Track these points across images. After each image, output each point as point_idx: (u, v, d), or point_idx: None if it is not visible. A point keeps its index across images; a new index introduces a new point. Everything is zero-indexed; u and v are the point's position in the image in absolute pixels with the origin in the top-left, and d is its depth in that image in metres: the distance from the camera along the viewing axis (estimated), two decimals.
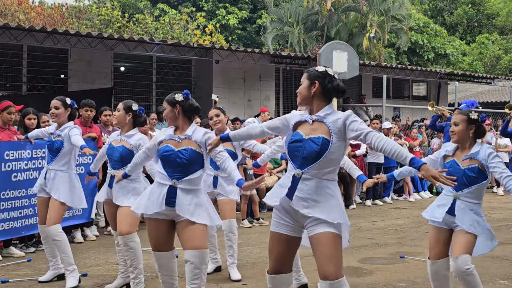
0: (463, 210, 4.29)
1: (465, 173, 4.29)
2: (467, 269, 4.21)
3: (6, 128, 6.88)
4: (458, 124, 4.37)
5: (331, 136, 3.44)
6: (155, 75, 14.74)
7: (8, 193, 6.63)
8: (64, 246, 5.37)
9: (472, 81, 21.08)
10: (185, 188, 4.16)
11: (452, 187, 4.32)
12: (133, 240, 5.00)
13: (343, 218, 3.45)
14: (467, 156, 4.33)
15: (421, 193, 12.92)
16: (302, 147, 3.47)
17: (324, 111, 3.53)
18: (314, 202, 3.44)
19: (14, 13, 19.68)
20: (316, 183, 3.45)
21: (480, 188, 4.32)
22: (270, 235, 3.66)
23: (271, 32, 23.33)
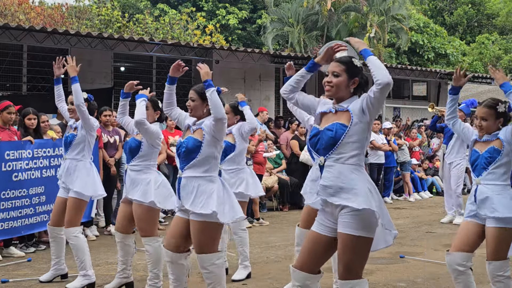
0: (483, 194, 4.16)
1: (482, 157, 4.23)
2: (498, 275, 4.12)
3: (6, 128, 6.88)
4: (487, 119, 4.27)
5: (352, 119, 3.36)
6: (155, 75, 14.74)
7: (8, 193, 6.63)
8: (78, 250, 5.30)
9: (472, 81, 21.07)
10: (188, 176, 4.10)
11: (475, 175, 4.29)
12: (149, 244, 4.94)
13: (368, 204, 3.29)
14: (489, 137, 4.27)
15: (421, 193, 12.93)
16: (320, 138, 3.42)
17: (348, 102, 3.46)
18: (339, 189, 3.33)
19: (14, 13, 19.69)
20: (339, 169, 3.35)
21: (500, 166, 4.17)
22: (308, 234, 3.54)
23: (271, 32, 23.35)
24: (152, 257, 4.95)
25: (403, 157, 12.38)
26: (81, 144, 5.46)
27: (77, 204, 5.39)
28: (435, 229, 8.87)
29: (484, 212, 4.16)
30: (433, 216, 10.19)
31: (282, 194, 10.89)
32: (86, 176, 5.43)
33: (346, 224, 3.30)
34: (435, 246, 7.44)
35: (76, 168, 5.42)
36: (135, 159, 5.06)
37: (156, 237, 5.01)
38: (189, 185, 4.09)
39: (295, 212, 10.29)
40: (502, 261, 4.12)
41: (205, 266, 4.05)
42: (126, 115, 5.27)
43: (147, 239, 4.96)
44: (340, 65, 3.48)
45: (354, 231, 3.29)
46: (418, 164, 13.32)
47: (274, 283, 5.61)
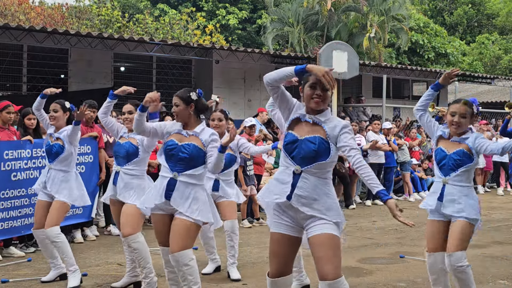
0: (451, 194, 4.31)
1: (451, 158, 4.32)
2: (459, 266, 4.23)
3: (5, 128, 6.88)
4: (466, 117, 4.35)
5: (328, 140, 3.47)
6: (155, 75, 14.74)
7: (7, 193, 6.64)
8: (64, 247, 5.36)
9: (472, 81, 21.07)
10: (185, 181, 4.21)
11: (441, 173, 4.39)
12: (136, 241, 5.01)
13: (340, 217, 3.49)
14: (457, 139, 4.36)
15: (421, 193, 12.92)
16: (298, 147, 3.48)
17: (325, 115, 3.54)
18: (313, 200, 3.45)
19: (14, 13, 19.68)
20: (315, 181, 3.46)
21: (467, 171, 4.33)
22: (270, 237, 3.63)
23: (271, 32, 23.33)
24: (142, 253, 5.03)
25: (403, 157, 12.38)
26: (68, 158, 5.53)
27: (63, 207, 5.46)
28: None
29: (449, 211, 4.32)
30: None
31: None
32: (74, 187, 5.52)
33: (325, 227, 3.43)
34: None
35: (63, 179, 5.49)
36: (131, 163, 5.13)
37: (139, 233, 5.09)
38: (185, 190, 4.22)
39: None
40: (463, 252, 4.25)
41: (186, 262, 4.17)
42: (108, 115, 5.30)
43: (132, 237, 5.02)
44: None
45: (333, 231, 3.44)
46: (418, 164, 13.32)
47: None
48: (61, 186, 5.45)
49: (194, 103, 4.31)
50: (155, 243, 7.38)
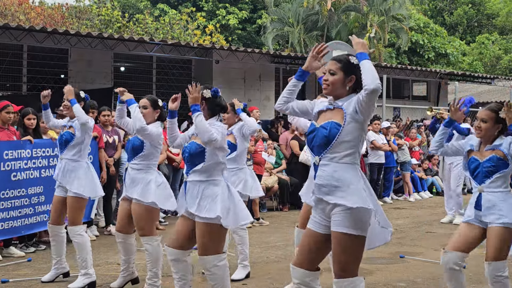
0: (488, 202, 4.20)
1: (484, 166, 4.26)
2: (497, 276, 4.13)
3: (5, 128, 6.88)
4: (486, 121, 4.30)
5: (345, 118, 3.39)
6: (155, 75, 14.74)
7: (7, 193, 6.63)
8: (81, 248, 5.32)
9: (472, 81, 21.09)
10: (193, 180, 4.18)
11: (476, 182, 4.32)
12: (149, 243, 4.96)
13: (363, 202, 3.30)
14: (490, 147, 4.30)
15: (421, 193, 12.92)
16: (315, 136, 3.45)
17: (345, 99, 3.47)
18: (334, 187, 3.35)
19: (14, 13, 19.68)
20: (333, 168, 3.37)
21: (503, 176, 4.23)
22: (305, 231, 3.60)
23: (271, 32, 23.33)
24: (152, 256, 4.97)
25: (403, 157, 12.38)
26: (78, 145, 5.47)
27: (77, 202, 5.40)
28: (435, 229, 8.87)
29: (490, 219, 4.19)
30: (433, 216, 10.19)
31: (282, 194, 10.89)
32: (84, 177, 5.44)
33: (339, 223, 3.33)
34: (435, 246, 7.43)
35: (73, 169, 5.43)
36: (137, 158, 5.07)
37: (155, 236, 5.02)
38: (194, 189, 4.16)
39: (295, 212, 10.28)
40: (502, 262, 4.14)
41: (208, 268, 4.09)
42: (124, 117, 5.29)
43: (146, 238, 4.97)
44: (336, 63, 3.53)
45: (346, 229, 3.31)
46: (418, 164, 13.32)
47: (274, 283, 5.61)
48: (71, 176, 5.39)
49: (205, 101, 4.24)
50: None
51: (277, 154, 11.16)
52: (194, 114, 4.10)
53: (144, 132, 4.90)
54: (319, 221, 3.48)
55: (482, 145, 4.37)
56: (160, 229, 8.39)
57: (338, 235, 3.33)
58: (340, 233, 3.32)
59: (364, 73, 3.34)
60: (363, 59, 3.39)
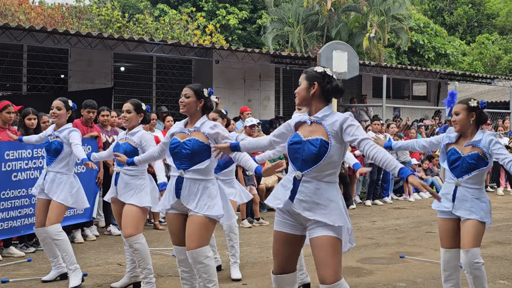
0: (463, 196, 4.33)
1: (465, 160, 4.34)
2: (476, 262, 4.24)
3: (6, 128, 6.88)
4: (459, 113, 4.40)
5: (329, 138, 3.43)
6: (155, 75, 14.74)
7: (8, 193, 6.63)
8: (65, 245, 5.37)
9: (472, 81, 21.07)
10: (192, 178, 4.19)
11: (453, 174, 4.40)
12: (138, 242, 5.01)
13: (343, 221, 3.42)
14: (469, 143, 4.37)
15: (421, 193, 12.92)
16: (301, 149, 3.47)
17: (323, 112, 3.51)
18: (315, 204, 3.42)
19: (14, 13, 19.67)
20: (316, 185, 3.43)
21: (480, 174, 4.35)
22: (274, 235, 3.64)
23: (271, 32, 23.30)
24: (142, 253, 5.02)
25: (403, 157, 12.37)
26: (66, 158, 5.53)
27: (60, 208, 5.46)
28: (435, 229, 8.86)
29: (460, 213, 4.35)
30: (433, 216, 10.17)
31: None
32: (71, 190, 5.51)
33: (323, 229, 3.40)
34: (435, 246, 7.43)
35: (60, 181, 5.48)
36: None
37: (141, 234, 5.08)
38: (193, 186, 4.18)
39: None
40: (477, 248, 4.27)
41: (201, 260, 4.14)
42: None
43: (134, 238, 5.02)
44: (302, 74, 3.60)
45: (334, 233, 3.41)
46: (418, 164, 13.32)
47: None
48: (58, 188, 5.45)
49: (204, 100, 4.31)
50: (155, 243, 7.40)
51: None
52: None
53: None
54: (290, 222, 3.55)
55: (462, 138, 4.44)
56: (160, 229, 8.39)
57: (328, 239, 3.39)
58: (330, 236, 3.39)
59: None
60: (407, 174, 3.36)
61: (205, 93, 4.32)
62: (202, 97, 4.30)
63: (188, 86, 4.33)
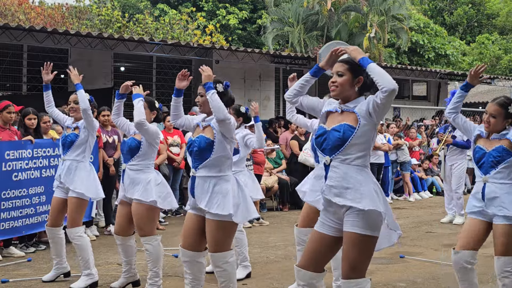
0: (492, 193, 4.20)
1: (490, 155, 4.24)
2: (506, 271, 4.13)
3: (6, 128, 6.89)
4: (496, 116, 4.27)
5: (359, 120, 3.37)
6: (155, 75, 14.75)
7: (9, 193, 6.63)
8: (82, 250, 5.33)
9: None
10: (203, 175, 4.13)
11: (480, 172, 4.30)
12: (149, 243, 4.97)
13: (375, 205, 3.31)
14: (497, 136, 4.28)
15: (421, 193, 12.93)
16: (327, 138, 3.43)
17: (355, 102, 3.46)
18: (344, 189, 3.35)
19: (14, 13, 19.68)
20: (345, 169, 3.36)
21: (508, 167, 4.21)
22: (311, 233, 3.56)
23: (271, 32, 23.31)
24: (152, 256, 4.97)
25: (403, 157, 12.38)
26: (82, 145, 5.48)
27: (79, 203, 5.39)
28: (435, 229, 8.87)
29: (492, 210, 4.20)
30: (433, 216, 10.19)
31: (282, 194, 10.90)
32: (87, 178, 5.43)
33: (353, 223, 3.33)
34: (435, 246, 7.44)
35: (76, 169, 5.42)
36: (135, 158, 5.07)
37: (155, 236, 5.03)
38: (204, 184, 4.12)
39: (295, 212, 10.29)
40: (510, 257, 4.14)
41: (219, 265, 4.10)
42: (121, 116, 5.28)
43: (146, 238, 4.98)
44: (343, 64, 3.49)
45: (360, 230, 3.32)
46: (418, 164, 13.32)
47: (274, 283, 5.61)
48: (74, 176, 5.38)
49: (220, 95, 4.19)
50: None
51: (277, 154, 11.17)
52: (208, 91, 4.08)
53: (143, 127, 4.90)
54: (330, 223, 3.46)
55: (490, 135, 4.35)
56: (160, 229, 8.39)
57: (351, 235, 3.32)
58: (354, 233, 3.32)
59: (377, 75, 3.30)
60: (368, 63, 3.34)
61: (219, 88, 4.22)
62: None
63: (201, 84, 4.23)
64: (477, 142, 4.39)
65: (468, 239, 4.29)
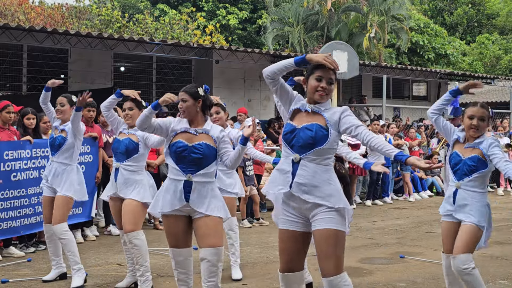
0: (463, 199, 4.28)
1: (465, 163, 4.29)
2: (464, 269, 4.19)
3: (6, 128, 6.89)
4: (485, 119, 4.32)
5: (329, 127, 3.51)
6: (155, 75, 14.75)
7: (7, 193, 6.63)
8: (70, 244, 5.39)
9: None
10: (201, 181, 4.17)
11: (454, 177, 4.36)
12: (138, 238, 5.03)
13: (343, 202, 3.47)
14: (471, 145, 4.33)
15: (421, 193, 12.92)
16: (297, 136, 3.52)
17: (325, 105, 3.59)
18: (313, 187, 3.46)
19: (14, 13, 19.68)
20: (314, 168, 3.48)
21: (481, 177, 4.28)
22: (279, 234, 3.63)
23: (271, 32, 23.31)
24: (141, 250, 5.03)
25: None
26: (70, 149, 5.56)
27: (66, 201, 5.48)
28: (435, 229, 8.86)
29: (460, 216, 4.31)
30: (433, 216, 10.18)
31: None
32: (74, 180, 5.53)
33: (328, 220, 3.43)
34: (435, 246, 7.44)
35: (64, 172, 5.51)
36: (131, 159, 5.15)
37: (141, 231, 5.11)
38: (203, 190, 4.17)
39: None
40: (467, 254, 4.21)
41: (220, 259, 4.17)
42: (111, 110, 5.31)
43: (134, 233, 5.03)
44: (334, 74, 3.60)
45: (337, 226, 3.44)
46: None
47: (274, 283, 5.60)
48: (62, 178, 5.48)
49: (201, 99, 4.26)
50: (155, 243, 7.39)
51: (277, 154, 11.15)
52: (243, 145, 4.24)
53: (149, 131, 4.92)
54: (294, 219, 3.57)
55: (468, 140, 4.38)
56: (160, 229, 8.38)
57: (330, 232, 3.42)
58: (332, 229, 3.42)
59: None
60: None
61: (201, 92, 4.27)
62: (199, 97, 4.25)
63: (182, 90, 4.29)
64: (454, 147, 4.45)
65: (451, 243, 4.36)
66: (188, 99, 4.23)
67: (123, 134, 5.25)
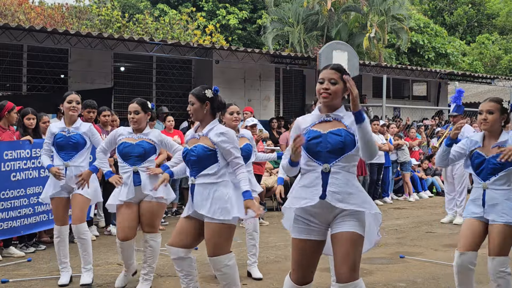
0: (493, 199, 4.21)
1: (489, 162, 4.23)
2: (501, 271, 4.13)
3: (7, 129, 6.90)
4: (493, 112, 4.28)
5: (354, 136, 3.43)
6: (155, 75, 14.74)
7: (7, 193, 6.63)
8: (88, 244, 5.42)
9: (472, 81, 21.08)
10: (202, 183, 4.15)
11: (479, 178, 4.31)
12: (155, 240, 5.14)
13: (375, 208, 3.46)
14: (496, 144, 4.27)
15: (421, 193, 12.92)
16: (323, 141, 3.42)
17: (341, 111, 3.51)
18: (347, 194, 3.40)
19: (14, 13, 19.69)
20: (345, 176, 3.42)
21: (507, 174, 4.22)
22: (293, 244, 3.52)
23: (271, 32, 23.30)
24: (154, 251, 5.14)
25: (403, 157, 12.37)
26: (87, 151, 5.59)
27: (85, 201, 5.48)
28: (435, 229, 8.87)
29: (492, 217, 4.22)
30: (433, 216, 10.19)
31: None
32: (91, 184, 5.48)
33: (351, 224, 3.38)
34: (435, 246, 7.44)
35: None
36: (147, 162, 5.18)
37: (159, 233, 5.22)
38: (204, 192, 4.14)
39: None
40: (505, 257, 4.15)
41: (218, 268, 4.11)
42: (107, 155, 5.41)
43: (153, 235, 5.14)
44: (336, 72, 3.48)
45: (359, 230, 3.39)
46: (418, 164, 13.32)
47: (274, 283, 5.60)
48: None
49: (209, 101, 4.21)
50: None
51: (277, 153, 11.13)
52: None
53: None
54: (315, 227, 3.47)
55: (487, 139, 4.34)
56: (160, 229, 8.38)
57: (352, 235, 3.36)
58: (356, 233, 3.37)
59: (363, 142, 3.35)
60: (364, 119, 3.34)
61: (208, 94, 4.21)
62: (206, 100, 4.20)
63: (190, 93, 4.25)
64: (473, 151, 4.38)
65: (470, 239, 4.27)
66: (195, 102, 4.21)
67: (133, 139, 5.17)
